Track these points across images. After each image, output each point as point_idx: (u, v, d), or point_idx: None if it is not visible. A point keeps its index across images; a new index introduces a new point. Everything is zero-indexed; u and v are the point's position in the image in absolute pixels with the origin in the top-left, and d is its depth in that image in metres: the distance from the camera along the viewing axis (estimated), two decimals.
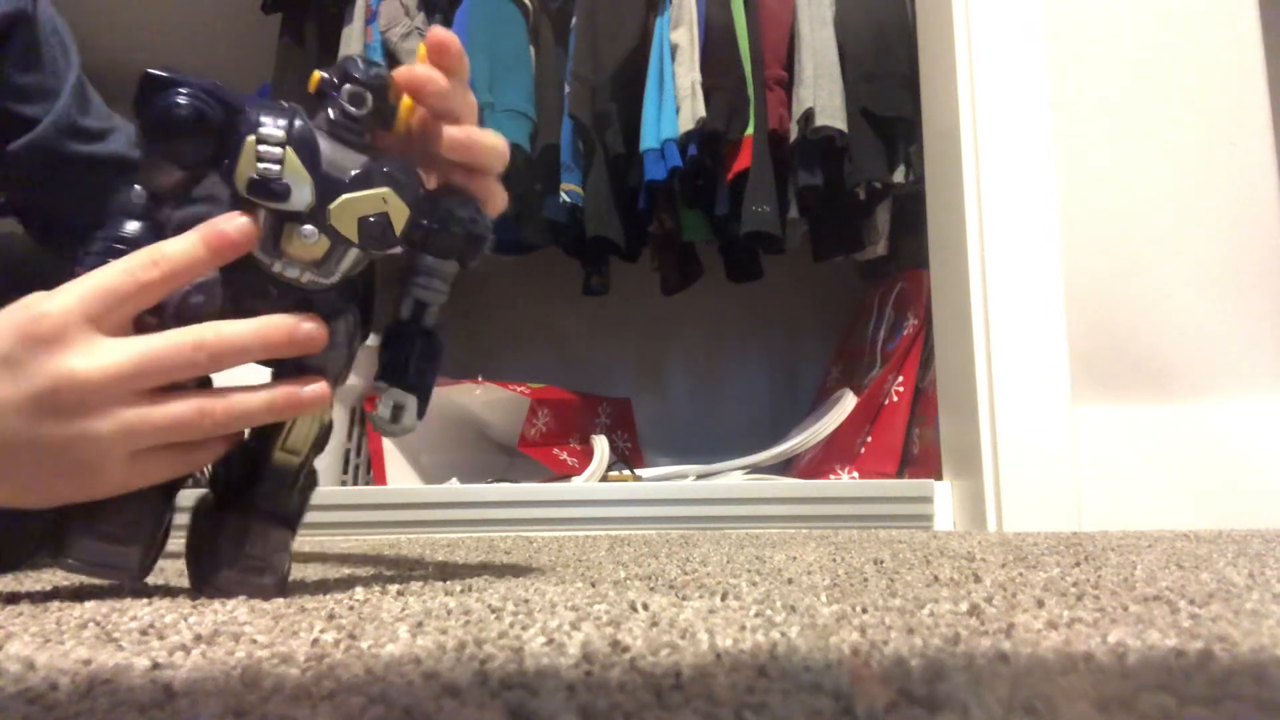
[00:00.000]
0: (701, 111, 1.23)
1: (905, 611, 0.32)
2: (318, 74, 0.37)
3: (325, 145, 0.36)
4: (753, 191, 1.24)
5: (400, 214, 0.37)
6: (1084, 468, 0.90)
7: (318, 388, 0.37)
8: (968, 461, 0.96)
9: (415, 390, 0.41)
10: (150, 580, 0.41)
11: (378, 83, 0.37)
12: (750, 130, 1.25)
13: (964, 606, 0.33)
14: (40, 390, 0.34)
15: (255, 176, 0.35)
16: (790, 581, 0.42)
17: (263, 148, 0.35)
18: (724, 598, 0.36)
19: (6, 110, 0.58)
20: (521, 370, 1.42)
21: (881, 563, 0.52)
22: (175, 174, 0.37)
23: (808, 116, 1.24)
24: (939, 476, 1.04)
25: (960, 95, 0.98)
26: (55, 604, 0.36)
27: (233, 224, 0.36)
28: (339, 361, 0.39)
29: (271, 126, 0.35)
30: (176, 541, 0.40)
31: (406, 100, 0.38)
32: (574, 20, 1.31)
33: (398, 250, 0.38)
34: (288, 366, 0.38)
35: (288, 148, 0.35)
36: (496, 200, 0.42)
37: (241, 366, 0.37)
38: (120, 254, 0.36)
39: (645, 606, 0.33)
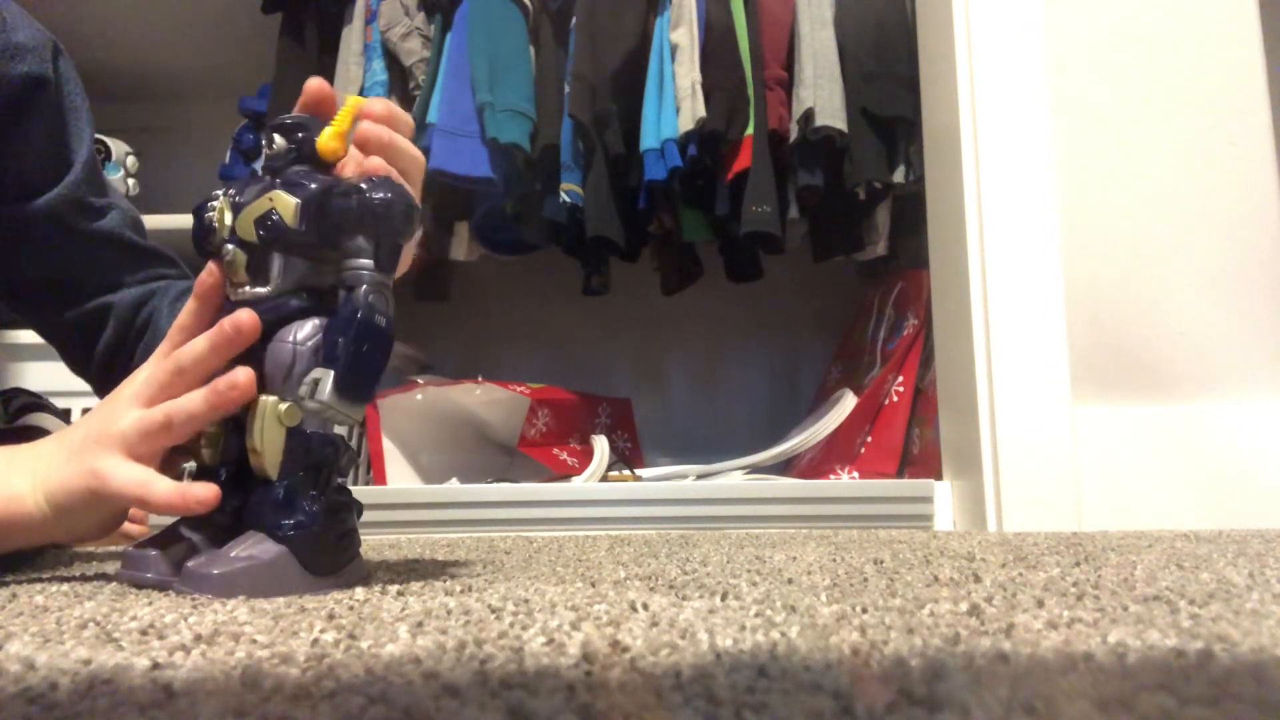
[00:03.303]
0: (701, 111, 1.23)
1: (905, 611, 0.32)
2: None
3: (249, 188, 0.43)
4: (753, 191, 1.24)
5: (287, 206, 0.41)
6: (1084, 468, 0.90)
7: (237, 374, 0.41)
8: (968, 461, 0.96)
9: (332, 365, 0.41)
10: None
11: (298, 127, 0.43)
12: (750, 130, 1.25)
13: (964, 606, 0.33)
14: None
15: (205, 231, 0.44)
16: (790, 581, 0.42)
17: (207, 213, 0.44)
18: (724, 598, 0.36)
19: (18, 174, 0.58)
20: (521, 370, 1.42)
21: (881, 563, 0.52)
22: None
23: (808, 116, 1.24)
24: (939, 476, 1.04)
25: (960, 95, 0.98)
26: (55, 604, 0.36)
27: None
28: (278, 360, 0.41)
29: (216, 192, 0.44)
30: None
31: (327, 138, 0.43)
32: (574, 20, 1.30)
33: (310, 239, 0.42)
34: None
35: (220, 198, 0.43)
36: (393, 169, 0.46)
37: None
38: None
39: (645, 606, 0.33)
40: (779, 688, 0.21)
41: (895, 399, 1.23)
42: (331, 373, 0.40)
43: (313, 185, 0.42)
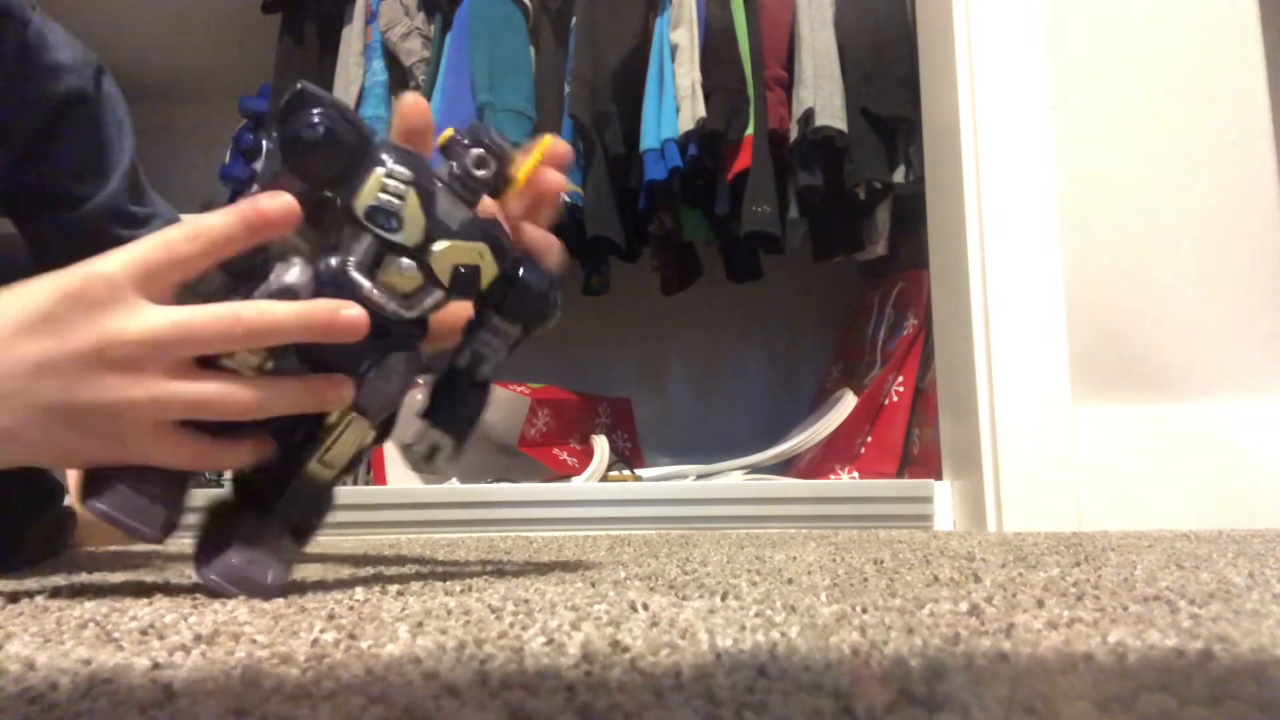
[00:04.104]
0: (701, 111, 1.23)
1: (905, 611, 0.32)
2: (450, 131, 0.40)
3: (441, 194, 0.39)
4: (753, 191, 1.24)
5: (490, 271, 0.40)
6: (1084, 468, 0.90)
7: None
8: (968, 461, 0.96)
9: (454, 435, 0.42)
10: (150, 579, 0.41)
11: (502, 154, 0.41)
12: (750, 130, 1.25)
13: (964, 606, 0.33)
14: (84, 348, 0.35)
15: (375, 204, 0.37)
16: (790, 581, 0.42)
17: (390, 182, 0.37)
18: (724, 598, 0.36)
19: (58, 186, 0.59)
20: (521, 370, 1.42)
21: (881, 563, 0.52)
22: (297, 186, 0.38)
23: (808, 116, 1.24)
24: (939, 476, 1.04)
25: (960, 95, 0.98)
26: (55, 604, 0.36)
27: (274, 203, 0.37)
28: (387, 392, 0.40)
29: (400, 165, 0.38)
30: (178, 541, 0.40)
31: (520, 175, 0.42)
32: (574, 20, 1.30)
33: (470, 302, 0.41)
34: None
35: (411, 188, 0.38)
36: (554, 248, 0.45)
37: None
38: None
39: (645, 606, 0.33)
40: (779, 688, 0.21)
41: (895, 399, 1.23)
42: (451, 442, 0.42)
43: (509, 257, 0.40)
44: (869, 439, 1.25)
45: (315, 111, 0.37)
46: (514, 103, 1.25)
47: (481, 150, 0.40)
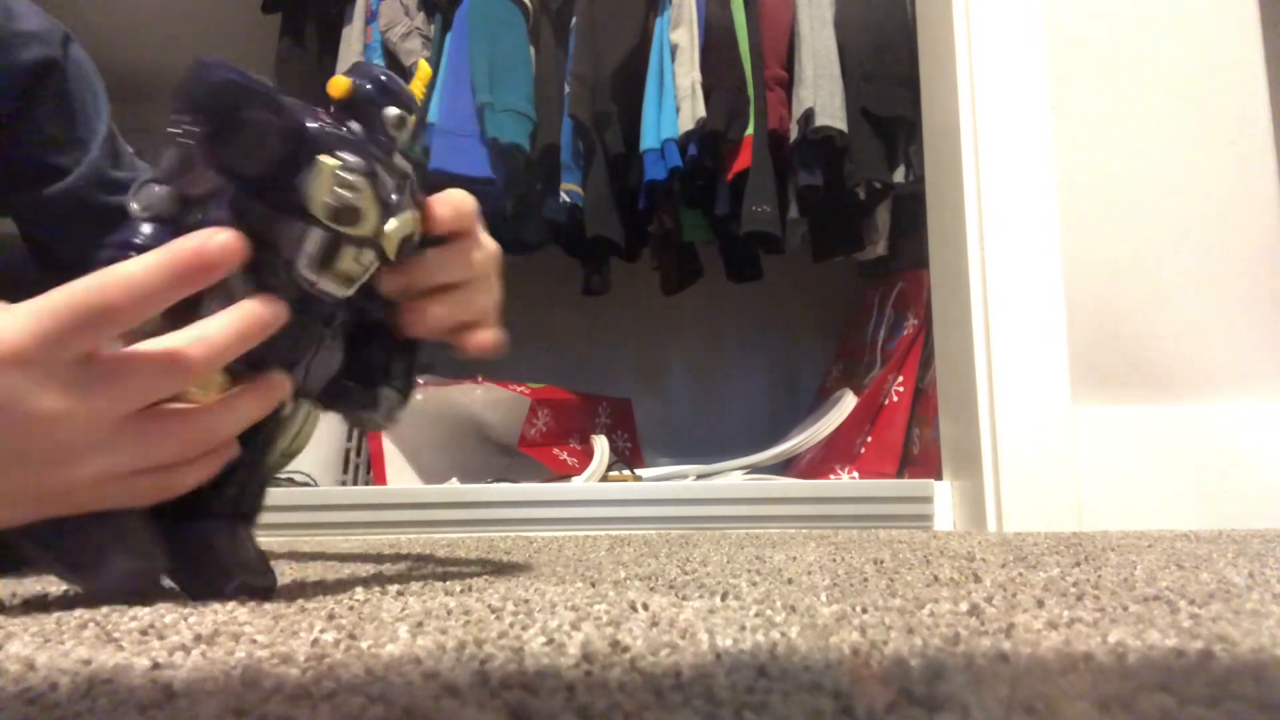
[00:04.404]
0: (701, 111, 1.23)
1: (905, 611, 0.32)
2: (347, 83, 0.37)
3: (380, 170, 0.36)
4: (753, 191, 1.24)
5: (418, 231, 0.38)
6: (1084, 468, 0.90)
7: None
8: (968, 461, 0.96)
9: (401, 391, 0.42)
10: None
11: (411, 104, 0.38)
12: (750, 130, 1.25)
13: (964, 606, 0.33)
14: None
15: (334, 204, 0.34)
16: (790, 581, 0.42)
17: (346, 175, 0.34)
18: (724, 598, 0.36)
19: (38, 158, 0.58)
20: (521, 370, 1.42)
21: (881, 563, 0.52)
22: (215, 180, 0.35)
23: (808, 116, 1.24)
24: (939, 476, 1.04)
25: (960, 95, 0.98)
26: (55, 604, 0.36)
27: (215, 242, 0.31)
28: (330, 365, 0.39)
29: (349, 154, 0.35)
30: None
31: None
32: (574, 20, 1.30)
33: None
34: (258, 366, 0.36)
35: (365, 178, 0.35)
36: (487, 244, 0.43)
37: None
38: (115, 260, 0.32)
39: (645, 606, 0.33)
40: (779, 688, 0.21)
41: (895, 399, 1.23)
42: (398, 396, 0.42)
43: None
44: (869, 439, 1.25)
45: (246, 107, 0.33)
46: (514, 103, 1.25)
47: (399, 111, 0.37)
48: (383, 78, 0.37)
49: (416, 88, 0.39)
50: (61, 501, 0.32)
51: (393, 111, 0.37)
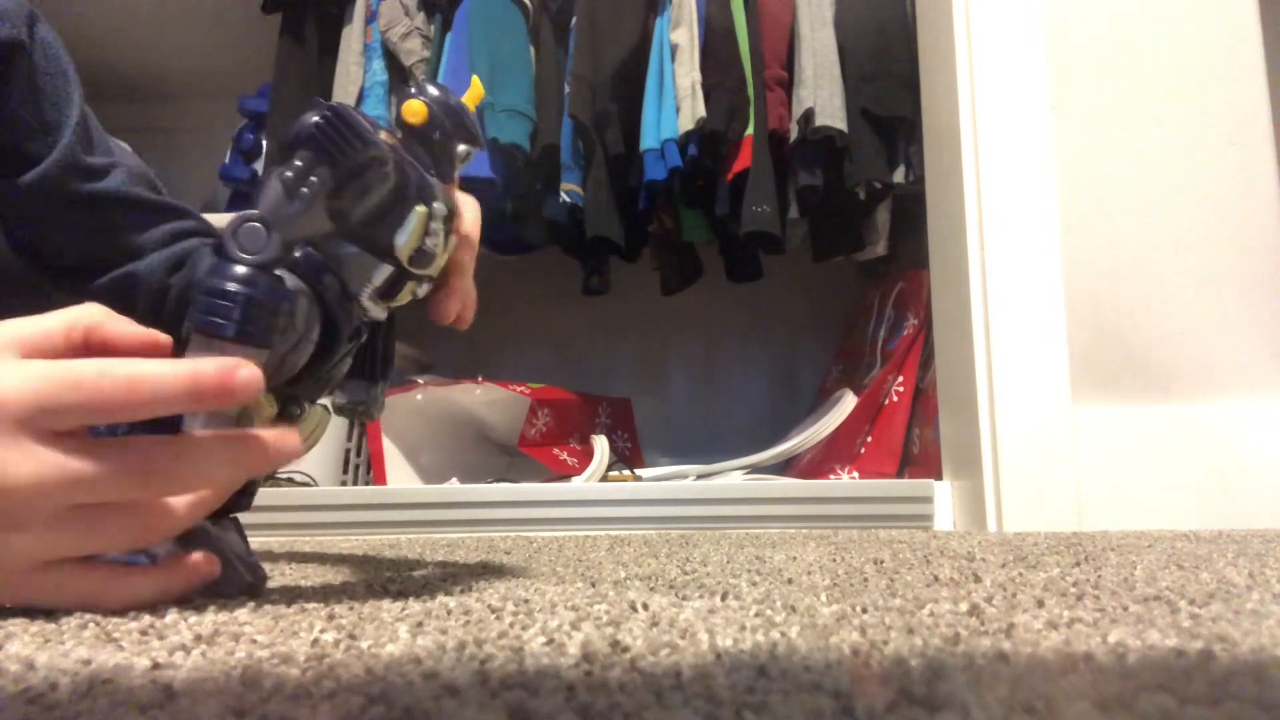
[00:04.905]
0: (701, 111, 1.23)
1: (905, 611, 0.32)
2: (423, 109, 0.37)
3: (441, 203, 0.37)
4: (753, 191, 1.24)
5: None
6: (1084, 468, 0.90)
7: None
8: (968, 461, 0.96)
9: (381, 379, 0.43)
10: None
11: (476, 140, 0.39)
12: (750, 130, 1.25)
13: (964, 606, 0.33)
14: None
15: (421, 249, 0.35)
16: (790, 581, 0.42)
17: (433, 224, 0.35)
18: (724, 598, 0.36)
19: (10, 144, 0.56)
20: (521, 370, 1.42)
21: (881, 563, 0.52)
22: (320, 223, 0.34)
23: (808, 116, 1.24)
24: (939, 476, 1.04)
25: (960, 95, 0.98)
26: None
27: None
28: (336, 366, 0.39)
29: (439, 203, 0.35)
30: None
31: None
32: (574, 20, 1.30)
33: None
34: None
35: (444, 224, 0.36)
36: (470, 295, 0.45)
37: None
38: (223, 311, 0.32)
39: (645, 606, 0.33)
40: (779, 688, 0.21)
41: (895, 399, 1.23)
42: (383, 385, 0.43)
43: None
44: (869, 439, 1.25)
45: (377, 160, 0.34)
46: (514, 103, 1.25)
47: (469, 148, 0.38)
48: (456, 108, 0.38)
49: (469, 102, 0.40)
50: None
51: (464, 149, 0.38)
